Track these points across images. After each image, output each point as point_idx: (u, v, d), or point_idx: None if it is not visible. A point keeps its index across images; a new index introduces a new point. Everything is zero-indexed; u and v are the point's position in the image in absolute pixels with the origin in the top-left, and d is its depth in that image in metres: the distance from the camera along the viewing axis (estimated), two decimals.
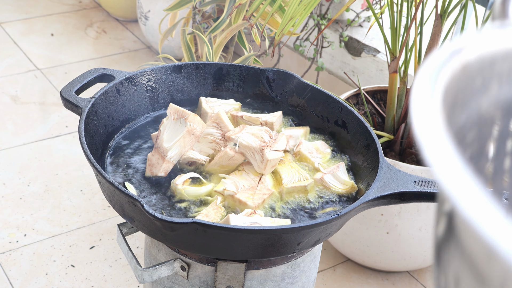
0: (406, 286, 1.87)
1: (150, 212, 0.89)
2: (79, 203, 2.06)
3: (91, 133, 1.11)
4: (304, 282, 1.11)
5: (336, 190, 1.08)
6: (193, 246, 0.96)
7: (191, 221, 0.88)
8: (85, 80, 1.18)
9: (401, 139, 1.78)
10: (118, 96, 1.19)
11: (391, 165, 1.01)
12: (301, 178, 1.09)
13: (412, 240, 1.74)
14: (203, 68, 1.26)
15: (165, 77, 1.25)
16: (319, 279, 1.86)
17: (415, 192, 0.97)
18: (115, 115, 1.18)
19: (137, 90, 1.22)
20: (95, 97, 1.14)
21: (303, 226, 0.90)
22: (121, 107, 1.20)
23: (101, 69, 1.22)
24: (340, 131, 1.19)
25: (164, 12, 2.16)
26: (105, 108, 1.16)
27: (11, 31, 2.96)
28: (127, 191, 0.93)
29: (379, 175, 0.99)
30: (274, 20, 1.78)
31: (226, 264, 0.98)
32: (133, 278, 1.83)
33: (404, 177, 0.99)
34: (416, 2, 1.61)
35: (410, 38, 1.67)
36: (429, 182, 0.97)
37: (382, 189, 0.97)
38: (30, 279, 1.80)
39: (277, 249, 0.95)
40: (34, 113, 2.45)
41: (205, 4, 1.89)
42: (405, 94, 1.75)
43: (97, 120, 1.14)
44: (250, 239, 0.92)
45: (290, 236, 0.92)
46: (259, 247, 0.94)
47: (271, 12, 1.63)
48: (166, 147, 1.08)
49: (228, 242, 0.93)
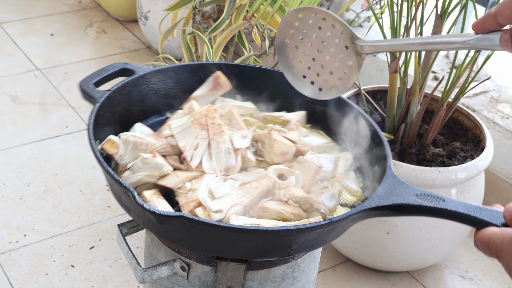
0: (406, 286, 1.87)
1: (139, 202, 0.89)
2: (79, 203, 2.06)
3: (103, 124, 1.11)
4: (304, 282, 1.11)
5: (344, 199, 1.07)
6: (183, 240, 0.96)
7: (178, 215, 0.89)
8: (106, 73, 1.18)
9: (401, 139, 1.78)
10: (137, 91, 1.19)
11: (396, 176, 1.00)
12: None
13: (412, 240, 1.74)
14: (226, 68, 1.25)
15: (186, 75, 1.24)
16: (319, 279, 1.86)
17: (415, 205, 0.94)
18: (132, 109, 1.18)
19: (156, 86, 1.22)
20: (111, 89, 1.14)
21: (288, 230, 0.89)
22: (139, 102, 1.19)
23: (123, 64, 1.21)
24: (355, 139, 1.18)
25: (164, 12, 2.16)
26: (121, 102, 1.16)
27: (11, 31, 2.96)
28: (121, 181, 0.94)
29: (382, 185, 0.98)
30: (275, 21, 1.78)
31: (226, 265, 0.98)
32: (133, 278, 1.83)
33: (407, 190, 0.97)
34: (416, 2, 1.61)
35: None
36: (432, 197, 0.94)
37: (381, 199, 0.95)
38: (30, 279, 1.79)
39: (266, 250, 0.95)
40: (34, 113, 2.45)
41: (205, 4, 1.88)
42: (405, 94, 1.75)
43: (111, 113, 1.14)
44: (237, 238, 0.92)
45: (277, 238, 0.91)
46: (248, 247, 0.94)
47: (271, 13, 1.63)
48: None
49: (215, 239, 0.93)
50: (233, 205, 0.98)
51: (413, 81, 1.70)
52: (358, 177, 1.12)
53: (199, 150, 1.06)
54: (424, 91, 1.75)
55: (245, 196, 1.00)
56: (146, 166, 1.03)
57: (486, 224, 0.86)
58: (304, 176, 1.05)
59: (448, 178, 1.64)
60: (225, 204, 0.98)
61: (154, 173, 1.03)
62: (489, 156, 1.70)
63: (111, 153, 1.05)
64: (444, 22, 1.65)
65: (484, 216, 0.87)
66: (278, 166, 1.06)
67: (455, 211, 0.90)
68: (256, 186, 1.02)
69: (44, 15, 3.11)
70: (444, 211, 0.91)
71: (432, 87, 2.09)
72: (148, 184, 1.04)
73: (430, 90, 2.05)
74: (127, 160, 1.06)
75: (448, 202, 0.92)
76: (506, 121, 2.04)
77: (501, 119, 2.05)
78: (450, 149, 1.76)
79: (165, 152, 1.09)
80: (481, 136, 1.78)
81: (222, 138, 1.07)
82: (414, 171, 1.64)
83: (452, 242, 1.79)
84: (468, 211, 0.89)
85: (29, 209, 2.02)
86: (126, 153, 1.06)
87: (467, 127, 1.84)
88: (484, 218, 0.87)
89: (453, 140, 1.84)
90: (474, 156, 1.72)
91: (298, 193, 1.01)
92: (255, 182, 1.02)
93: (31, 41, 2.90)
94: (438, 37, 0.88)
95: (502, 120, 2.05)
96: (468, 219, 0.89)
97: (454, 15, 1.68)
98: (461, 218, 0.90)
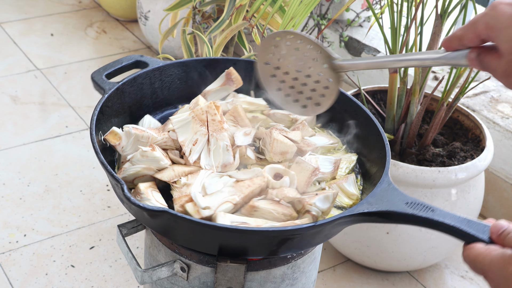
0: (406, 286, 1.87)
1: (127, 195, 0.90)
2: (79, 203, 2.06)
3: (110, 115, 1.12)
4: (304, 283, 1.11)
5: (341, 201, 1.07)
6: (169, 234, 0.98)
7: (162, 210, 0.89)
8: (119, 65, 1.19)
9: (401, 139, 1.77)
10: (149, 83, 1.19)
11: (391, 183, 0.98)
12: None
13: (412, 240, 1.74)
14: (239, 64, 1.25)
15: (200, 70, 1.24)
16: (319, 279, 1.86)
17: (403, 213, 0.92)
18: (143, 101, 1.19)
19: (170, 79, 1.22)
20: (122, 81, 1.14)
21: (267, 231, 0.89)
22: (151, 94, 1.20)
23: (138, 56, 1.22)
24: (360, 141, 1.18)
25: (164, 12, 2.16)
26: (131, 93, 1.16)
27: (11, 31, 2.96)
28: (113, 173, 0.94)
29: (373, 191, 0.96)
30: (275, 21, 1.78)
31: (226, 266, 0.98)
32: (133, 278, 1.83)
33: (398, 197, 0.95)
34: (416, 2, 1.61)
35: (410, 38, 1.67)
36: (422, 206, 0.92)
37: (370, 205, 0.94)
38: (30, 279, 1.79)
39: (249, 249, 0.95)
40: (34, 113, 2.45)
41: (205, 4, 1.88)
42: (405, 94, 1.75)
43: (121, 104, 1.14)
44: (217, 236, 0.93)
45: (256, 238, 0.91)
46: (230, 245, 0.95)
47: (271, 13, 1.63)
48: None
49: (197, 235, 0.94)
50: (223, 203, 0.98)
51: (413, 81, 1.70)
52: (360, 180, 1.12)
53: (198, 146, 1.07)
54: (424, 91, 1.74)
55: (237, 194, 1.00)
56: (144, 159, 1.04)
57: (472, 238, 0.84)
58: (300, 177, 1.05)
59: (448, 178, 1.64)
60: (215, 201, 0.98)
61: (152, 166, 1.04)
62: (489, 156, 1.70)
63: (113, 144, 1.07)
64: (444, 22, 1.65)
65: (471, 229, 0.85)
66: (275, 166, 1.07)
67: (442, 222, 0.88)
68: (248, 184, 1.02)
69: (44, 15, 3.11)
70: (431, 221, 0.89)
71: (432, 87, 2.09)
72: (146, 177, 1.05)
73: (430, 90, 2.05)
74: (129, 151, 1.08)
75: (437, 212, 0.90)
76: (506, 121, 2.04)
77: (501, 119, 2.05)
78: (450, 149, 1.76)
79: (166, 146, 1.09)
80: (481, 136, 1.78)
81: (221, 135, 1.07)
82: (414, 171, 1.64)
83: (452, 242, 1.79)
84: (455, 223, 0.87)
85: (29, 209, 2.02)
86: (128, 145, 1.07)
87: (467, 127, 1.84)
88: (470, 231, 0.85)
89: (453, 140, 1.84)
90: (474, 156, 1.72)
91: (290, 193, 1.01)
92: (249, 181, 1.03)
93: (31, 41, 2.90)
94: (410, 54, 0.92)
95: (502, 120, 2.05)
96: (454, 231, 0.87)
97: (454, 15, 1.68)
98: (447, 229, 0.88)
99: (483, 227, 0.85)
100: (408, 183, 1.65)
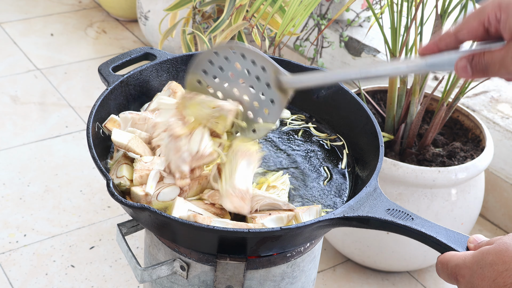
0: (406, 286, 1.87)
1: (112, 190, 0.91)
2: (79, 203, 2.06)
3: (114, 108, 1.12)
4: (304, 282, 1.11)
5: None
6: (153, 228, 0.98)
7: (141, 206, 0.90)
8: (128, 58, 1.18)
9: (401, 139, 1.78)
10: (157, 76, 1.19)
11: (377, 187, 0.96)
12: None
13: (412, 240, 1.72)
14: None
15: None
16: (319, 279, 1.86)
17: (382, 220, 0.90)
18: (149, 94, 1.18)
19: (177, 72, 1.22)
20: (127, 74, 1.14)
21: (236, 231, 0.89)
22: (159, 86, 1.19)
23: (148, 48, 1.21)
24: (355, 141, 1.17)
25: (164, 12, 2.16)
26: (137, 87, 1.16)
27: (11, 31, 2.96)
28: (101, 166, 0.95)
29: (357, 196, 0.94)
30: (274, 21, 1.78)
31: (226, 264, 0.98)
32: (133, 278, 1.83)
33: (380, 203, 0.93)
34: (416, 2, 1.61)
35: (410, 38, 1.67)
36: (402, 213, 0.90)
37: (351, 210, 0.92)
38: (30, 279, 1.79)
39: (226, 248, 0.95)
40: (34, 113, 2.45)
41: (205, 4, 1.89)
42: (405, 94, 1.75)
43: (125, 97, 1.14)
44: (192, 233, 0.93)
45: (231, 237, 0.91)
46: (206, 243, 0.96)
47: (271, 13, 1.63)
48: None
49: (175, 232, 0.95)
50: (163, 188, 0.97)
51: (413, 81, 1.71)
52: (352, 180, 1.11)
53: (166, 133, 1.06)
54: (424, 91, 1.75)
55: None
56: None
57: (449, 249, 0.83)
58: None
59: (448, 178, 1.64)
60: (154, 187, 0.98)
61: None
62: (489, 156, 1.70)
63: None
64: (444, 22, 1.65)
65: (449, 240, 0.84)
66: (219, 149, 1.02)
67: (419, 230, 0.87)
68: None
69: (44, 15, 3.12)
70: (409, 229, 0.88)
71: (432, 87, 2.09)
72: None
73: (430, 90, 2.05)
74: None
75: (416, 220, 0.88)
76: (506, 121, 2.04)
77: (501, 119, 2.05)
78: (450, 149, 1.76)
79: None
80: (481, 136, 1.78)
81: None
82: (414, 171, 1.64)
83: None
84: (431, 233, 0.86)
85: (29, 209, 2.02)
86: (127, 130, 1.07)
87: (467, 127, 1.84)
88: (447, 242, 0.84)
89: (453, 140, 1.84)
90: (474, 156, 1.72)
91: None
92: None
93: (31, 41, 2.90)
94: (380, 64, 0.83)
95: (502, 120, 2.05)
96: (431, 240, 0.86)
97: (454, 15, 1.68)
98: (425, 238, 0.87)
99: (461, 237, 0.84)
100: (408, 183, 1.65)
